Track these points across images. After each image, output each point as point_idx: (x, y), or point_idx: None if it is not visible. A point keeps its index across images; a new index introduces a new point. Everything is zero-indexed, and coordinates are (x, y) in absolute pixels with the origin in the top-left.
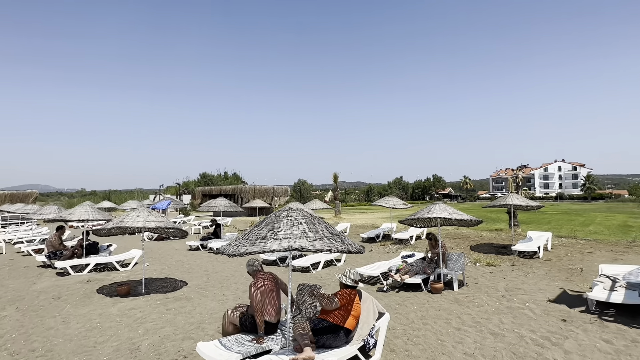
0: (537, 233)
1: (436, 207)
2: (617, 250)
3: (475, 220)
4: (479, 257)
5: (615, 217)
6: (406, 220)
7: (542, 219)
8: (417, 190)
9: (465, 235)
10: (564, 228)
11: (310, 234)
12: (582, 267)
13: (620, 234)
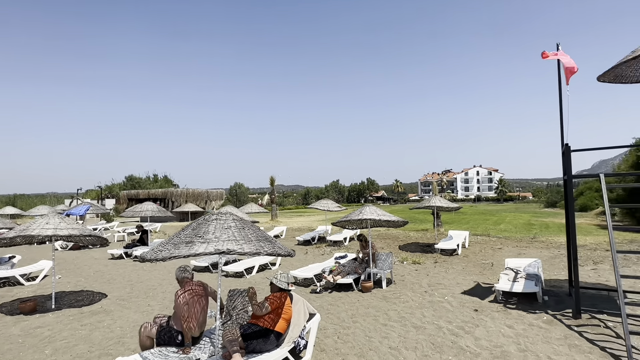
0: (456, 232)
1: (366, 210)
2: (521, 246)
3: (402, 221)
4: (406, 256)
5: (522, 217)
6: (339, 223)
7: (462, 219)
8: (353, 193)
9: (394, 235)
10: (479, 227)
11: (239, 237)
12: (493, 261)
13: (524, 232)
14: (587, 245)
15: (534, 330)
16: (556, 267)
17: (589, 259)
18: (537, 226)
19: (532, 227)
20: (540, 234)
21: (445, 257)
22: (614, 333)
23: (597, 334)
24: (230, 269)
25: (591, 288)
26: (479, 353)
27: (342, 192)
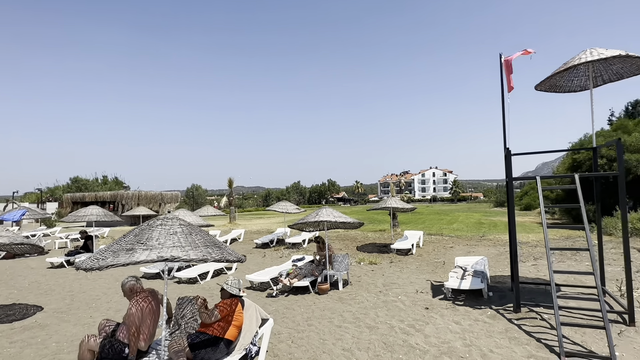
0: (412, 232)
1: (323, 212)
2: (471, 244)
3: (357, 222)
4: (363, 257)
5: (473, 216)
6: (295, 225)
7: (418, 219)
8: (314, 195)
9: (353, 236)
10: (434, 226)
11: (186, 243)
12: (445, 260)
13: (474, 230)
14: (529, 242)
15: (478, 325)
16: (501, 264)
17: (530, 255)
18: (487, 225)
19: (481, 226)
20: (489, 232)
21: (401, 257)
22: (549, 324)
23: (534, 326)
24: (183, 275)
25: (531, 283)
26: (428, 350)
27: (303, 193)
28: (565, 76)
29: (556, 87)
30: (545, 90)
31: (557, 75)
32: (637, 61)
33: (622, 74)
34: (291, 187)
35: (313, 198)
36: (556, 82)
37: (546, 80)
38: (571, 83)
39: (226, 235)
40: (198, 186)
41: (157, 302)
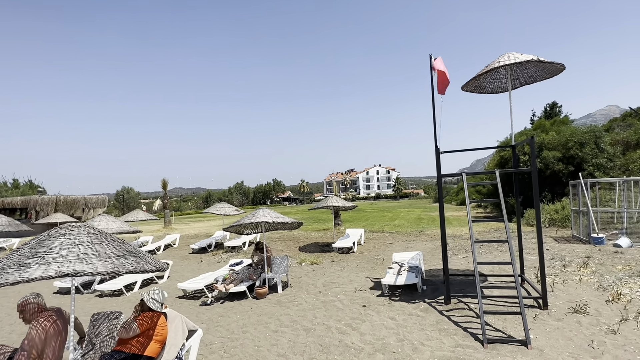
0: (353, 230)
1: (260, 212)
2: (409, 240)
3: (296, 222)
4: (304, 257)
5: (414, 212)
6: (231, 228)
7: (361, 216)
8: (259, 195)
9: (295, 237)
10: (377, 224)
11: (93, 254)
12: (384, 256)
13: (414, 226)
14: (462, 236)
15: (412, 319)
16: (436, 258)
17: (462, 248)
18: (426, 220)
19: (421, 222)
20: (427, 227)
21: (342, 256)
22: (475, 313)
23: (462, 317)
24: (106, 287)
25: (461, 275)
26: (362, 348)
27: (247, 194)
28: (487, 78)
29: (480, 88)
30: (471, 91)
31: (480, 77)
32: (547, 66)
33: (535, 77)
34: (234, 188)
35: (257, 198)
36: (480, 83)
37: (471, 82)
38: (493, 85)
39: (159, 241)
40: (129, 189)
41: (64, 321)
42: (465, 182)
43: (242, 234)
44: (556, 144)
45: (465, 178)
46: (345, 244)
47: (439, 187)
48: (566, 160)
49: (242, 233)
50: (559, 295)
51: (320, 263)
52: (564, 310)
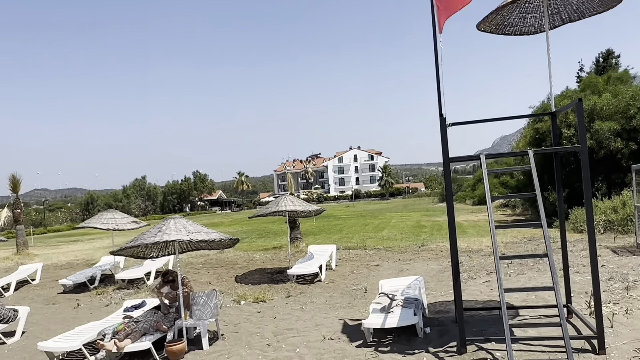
0: (319, 247)
1: (170, 225)
2: (404, 259)
3: (229, 239)
4: (245, 292)
5: (410, 217)
6: (125, 250)
7: (332, 226)
8: (172, 198)
9: (231, 260)
10: (355, 236)
11: None
12: (367, 286)
13: (412, 237)
14: (482, 250)
15: None
16: (444, 284)
17: (482, 268)
18: (428, 228)
19: (421, 231)
20: (430, 239)
21: (303, 287)
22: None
23: None
24: None
25: (481, 308)
26: None
27: (152, 196)
28: (515, 11)
29: (504, 27)
30: (490, 32)
31: (504, 10)
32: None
33: (583, 10)
34: (132, 188)
35: (170, 203)
36: (504, 19)
37: (491, 17)
38: (523, 22)
39: (8, 275)
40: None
41: None
42: (484, 167)
43: (144, 259)
44: (613, 111)
45: (484, 161)
46: (307, 269)
47: (446, 178)
48: (627, 134)
49: (145, 257)
50: (621, 332)
51: (269, 300)
52: (628, 355)
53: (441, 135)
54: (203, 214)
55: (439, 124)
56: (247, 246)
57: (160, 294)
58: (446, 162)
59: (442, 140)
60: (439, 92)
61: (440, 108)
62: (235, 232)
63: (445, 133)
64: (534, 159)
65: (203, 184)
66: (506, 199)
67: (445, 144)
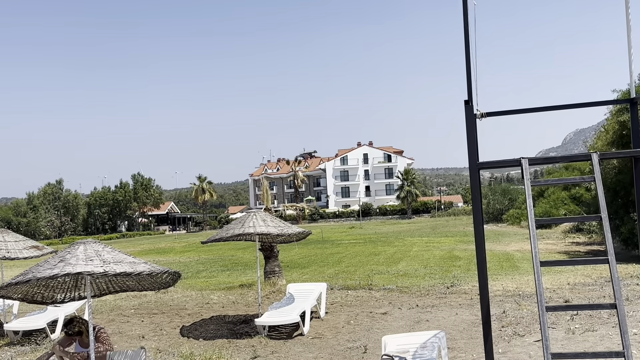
0: (302, 287)
1: (77, 252)
2: (424, 305)
3: (165, 272)
4: (192, 351)
5: (440, 244)
6: (5, 290)
7: (329, 255)
8: (100, 212)
9: (178, 303)
10: (360, 270)
11: None
12: (368, 342)
13: (438, 274)
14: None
15: None
16: (478, 344)
17: (535, 321)
18: (464, 261)
19: (453, 264)
20: (465, 276)
21: (277, 344)
22: None
23: None
24: None
25: None
26: None
27: (72, 209)
28: None
29: None
30: None
31: None
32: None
33: None
34: (41, 196)
35: (98, 219)
36: None
37: None
38: None
39: None
40: None
41: None
42: (526, 176)
43: (44, 304)
44: None
45: (526, 169)
46: (283, 318)
47: (473, 190)
48: None
49: (44, 302)
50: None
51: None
52: None
53: (467, 130)
54: (146, 235)
55: (465, 115)
56: (204, 283)
57: (65, 354)
58: (474, 169)
59: (469, 139)
60: (468, 71)
61: (469, 92)
62: (188, 262)
63: (474, 128)
64: (599, 165)
65: (147, 193)
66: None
67: (473, 143)
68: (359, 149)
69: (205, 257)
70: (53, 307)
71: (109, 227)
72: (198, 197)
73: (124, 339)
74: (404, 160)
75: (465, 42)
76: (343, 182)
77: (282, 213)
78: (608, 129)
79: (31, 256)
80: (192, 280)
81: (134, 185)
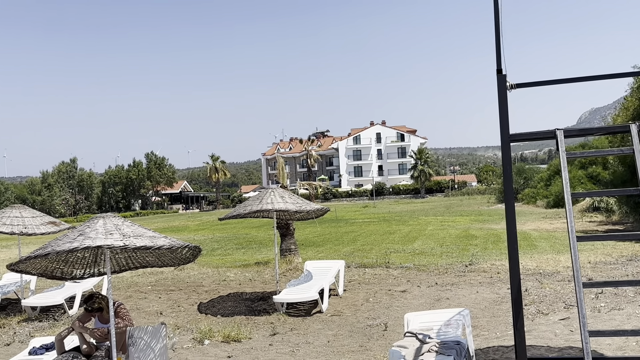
0: (320, 264)
1: (96, 226)
2: (444, 283)
3: (186, 247)
4: (210, 328)
5: (456, 223)
6: (23, 264)
7: (344, 234)
8: (114, 190)
9: (195, 280)
10: (375, 249)
11: None
12: (388, 320)
13: (456, 253)
14: (560, 273)
15: None
16: (501, 321)
17: (558, 300)
18: (480, 240)
19: (470, 243)
20: (483, 255)
21: (296, 321)
22: None
23: None
24: None
25: (555, 359)
26: None
27: (86, 187)
28: None
29: None
30: None
31: None
32: None
33: None
34: (55, 174)
35: (112, 198)
36: None
37: None
38: None
39: None
40: None
41: None
42: (562, 149)
43: (63, 279)
44: None
45: (562, 141)
46: (301, 296)
47: (505, 166)
48: None
49: (63, 278)
50: None
51: (245, 339)
52: None
53: (499, 101)
54: (159, 214)
55: (497, 85)
56: (219, 261)
57: (84, 330)
58: (505, 142)
59: (501, 110)
60: (498, 39)
61: (498, 62)
62: (203, 240)
63: (506, 99)
64: (638, 138)
65: (160, 172)
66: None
67: (504, 114)
68: (372, 128)
69: (220, 235)
70: (71, 283)
71: (123, 205)
72: (211, 176)
73: (142, 315)
74: (417, 139)
75: (495, 11)
76: (356, 161)
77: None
78: (628, 106)
79: (49, 232)
80: (208, 258)
81: (148, 164)
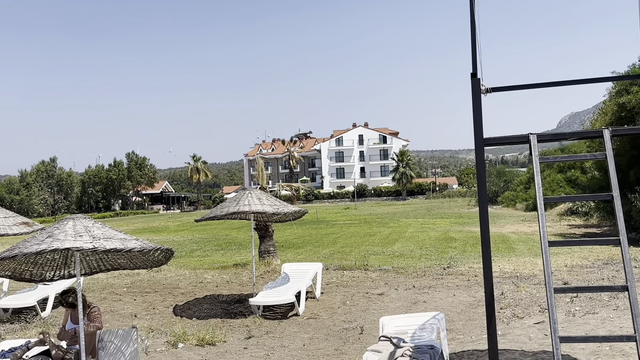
0: (297, 267)
1: (65, 228)
2: (421, 286)
3: (157, 249)
4: (185, 330)
5: (436, 225)
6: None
7: (324, 236)
8: (94, 190)
9: (171, 282)
10: (355, 251)
11: None
12: (365, 323)
13: (434, 255)
14: (536, 276)
15: None
16: (477, 325)
17: (534, 303)
18: (460, 242)
19: (449, 246)
20: (461, 258)
21: (272, 324)
22: None
23: None
24: None
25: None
26: None
27: (66, 187)
28: None
29: None
30: None
31: None
32: None
33: None
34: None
35: (92, 197)
36: None
37: None
38: None
39: None
40: None
41: None
42: (535, 153)
43: (32, 281)
44: None
45: (535, 145)
46: (278, 298)
47: (478, 168)
48: None
49: (32, 280)
50: None
51: (219, 342)
52: None
53: (473, 105)
54: (140, 215)
55: (471, 89)
56: (197, 262)
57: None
58: (479, 145)
59: (475, 113)
60: (474, 42)
61: (474, 65)
62: (182, 241)
63: (480, 103)
64: (611, 143)
65: (141, 172)
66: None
67: (478, 118)
68: (355, 130)
69: (199, 236)
70: (43, 285)
71: (103, 205)
72: (192, 177)
73: (116, 318)
74: (399, 141)
75: (471, 14)
76: (338, 163)
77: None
78: (606, 111)
79: (21, 232)
80: (186, 259)
81: (128, 164)
